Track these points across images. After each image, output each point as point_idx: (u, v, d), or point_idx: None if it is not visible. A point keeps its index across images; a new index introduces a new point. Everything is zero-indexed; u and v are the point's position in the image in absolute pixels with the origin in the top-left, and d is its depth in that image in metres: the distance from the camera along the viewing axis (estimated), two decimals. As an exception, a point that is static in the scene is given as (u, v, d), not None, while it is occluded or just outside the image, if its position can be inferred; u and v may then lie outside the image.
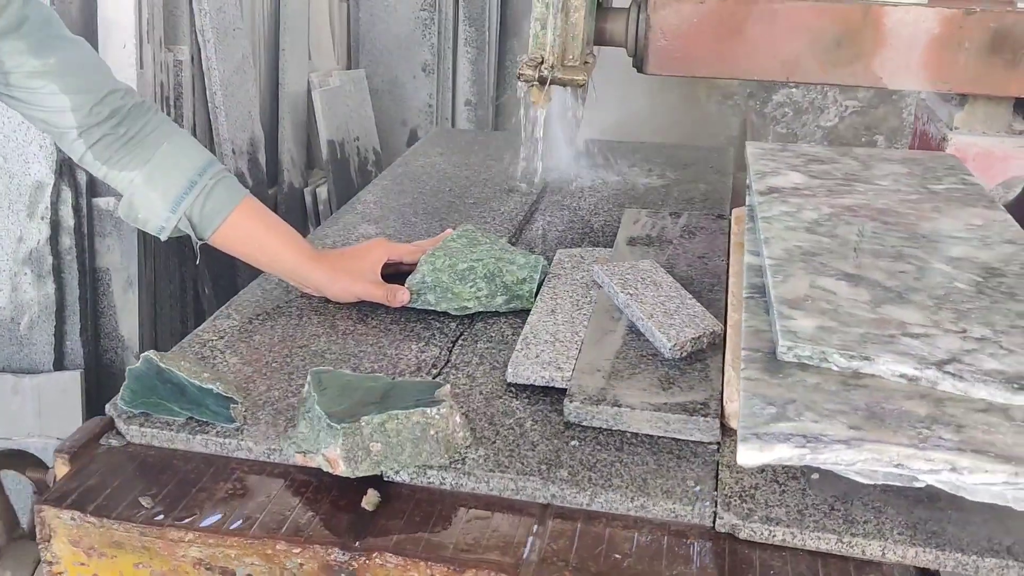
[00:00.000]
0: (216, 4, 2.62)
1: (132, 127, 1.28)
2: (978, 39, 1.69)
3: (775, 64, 1.77)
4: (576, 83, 1.62)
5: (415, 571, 0.91)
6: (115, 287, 2.40)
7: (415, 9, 3.57)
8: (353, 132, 3.37)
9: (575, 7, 1.60)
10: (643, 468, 1.01)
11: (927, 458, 0.84)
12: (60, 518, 0.98)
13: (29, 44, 1.20)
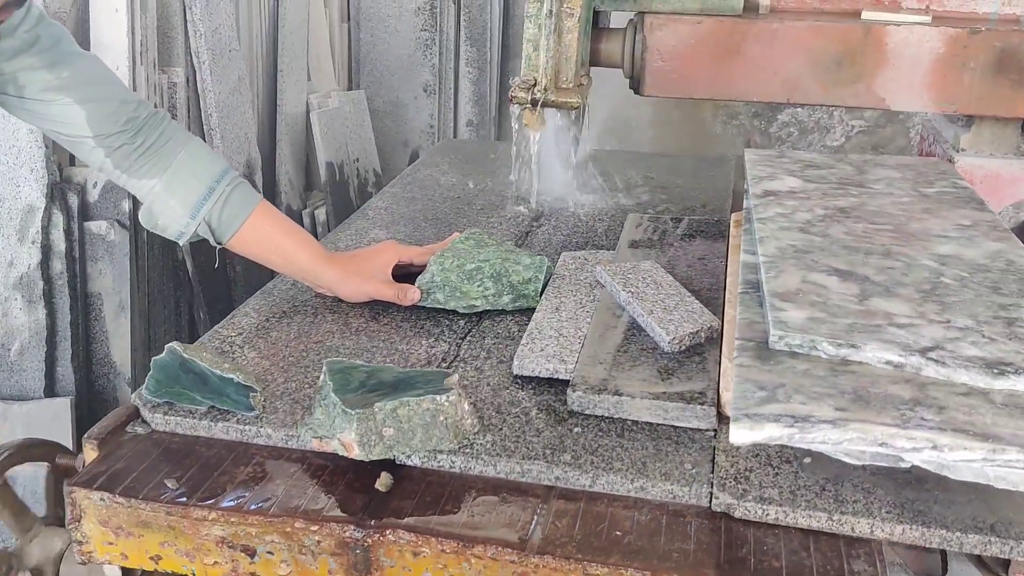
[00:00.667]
0: (211, 26, 2.63)
1: (149, 137, 1.34)
2: (983, 59, 1.65)
3: (775, 85, 1.73)
4: (570, 106, 1.59)
5: (426, 547, 0.96)
6: (107, 312, 2.37)
7: (416, 29, 3.59)
8: (353, 153, 3.37)
9: (568, 28, 1.57)
10: (643, 453, 1.06)
11: (909, 436, 0.89)
12: (90, 499, 1.03)
13: (43, 60, 1.26)
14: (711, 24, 1.71)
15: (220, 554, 1.02)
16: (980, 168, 1.76)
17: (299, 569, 1.00)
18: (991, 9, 1.78)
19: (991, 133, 1.77)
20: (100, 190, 2.35)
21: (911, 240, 1.29)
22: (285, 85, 3.08)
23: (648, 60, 1.74)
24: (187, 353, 1.13)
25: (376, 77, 3.67)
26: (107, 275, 2.35)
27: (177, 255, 2.64)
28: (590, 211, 1.86)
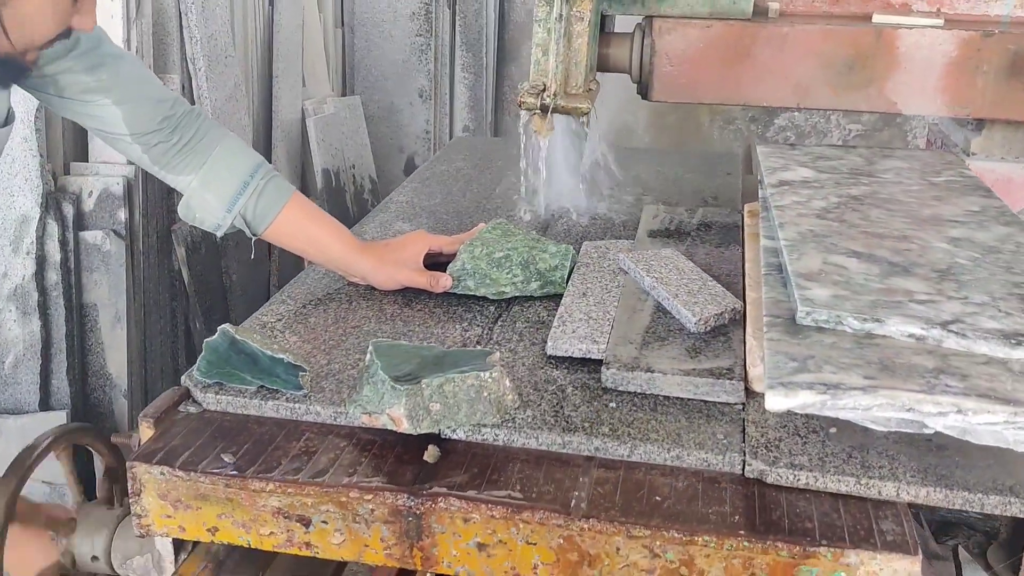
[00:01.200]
0: (207, 32, 2.62)
1: (185, 134, 1.39)
2: (997, 62, 1.63)
3: (785, 89, 1.70)
4: (580, 112, 1.56)
5: (476, 513, 1.01)
6: (103, 323, 2.33)
7: (411, 35, 3.58)
8: (349, 160, 3.34)
9: (578, 33, 1.55)
10: (676, 425, 1.12)
11: (936, 402, 0.94)
12: (150, 473, 1.08)
13: (82, 64, 1.31)
14: (721, 28, 1.70)
15: (276, 524, 1.07)
16: (991, 172, 1.74)
17: (352, 537, 1.05)
18: (1004, 11, 1.76)
19: (1002, 137, 1.75)
20: (96, 199, 2.33)
21: (924, 225, 1.35)
22: (280, 91, 3.06)
23: (657, 65, 1.72)
24: (239, 335, 1.18)
25: (371, 83, 3.66)
26: (103, 285, 2.33)
27: (173, 265, 2.60)
28: (610, 200, 1.91)
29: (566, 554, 1.01)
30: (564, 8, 1.50)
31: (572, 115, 1.57)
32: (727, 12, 1.68)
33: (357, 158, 3.41)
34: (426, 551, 1.04)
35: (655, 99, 1.75)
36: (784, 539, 0.96)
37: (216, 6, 2.66)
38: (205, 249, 2.67)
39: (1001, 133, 1.75)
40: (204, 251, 2.67)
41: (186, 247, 2.59)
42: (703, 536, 0.97)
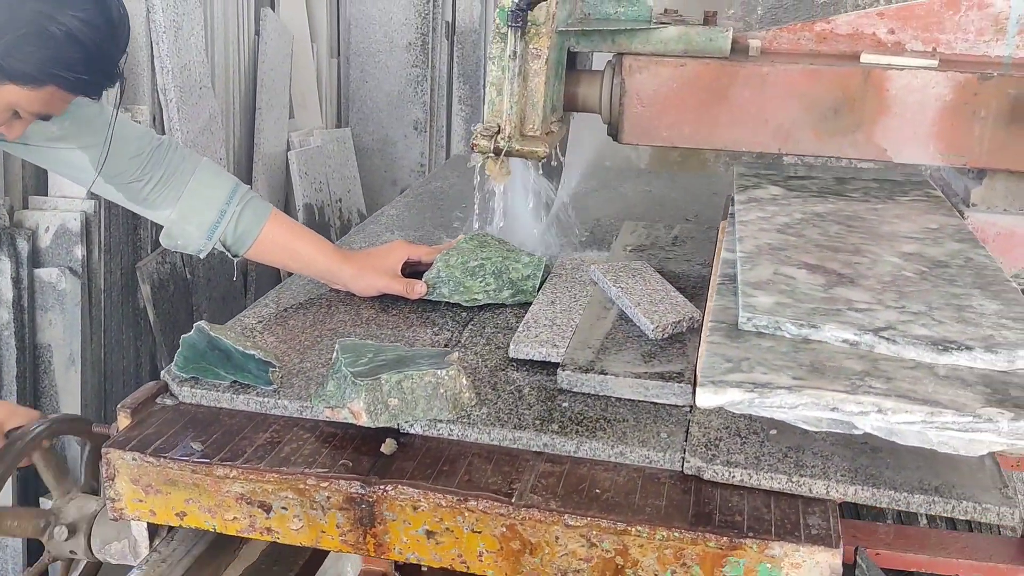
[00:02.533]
0: (180, 62, 2.54)
1: (156, 170, 1.46)
2: (996, 107, 1.50)
3: (766, 134, 1.58)
4: (536, 156, 1.46)
5: (424, 501, 1.07)
6: (57, 365, 2.26)
7: (407, 66, 3.55)
8: (335, 194, 3.28)
9: (535, 71, 1.44)
10: (623, 424, 1.17)
11: (857, 401, 0.99)
12: (123, 459, 1.15)
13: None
14: (695, 67, 1.57)
15: (239, 510, 1.13)
16: (993, 225, 1.60)
17: (310, 523, 1.11)
18: (1005, 52, 1.62)
19: (1005, 187, 1.61)
20: (52, 235, 2.28)
21: (880, 240, 1.40)
22: (263, 123, 2.99)
23: (627, 105, 1.60)
24: (213, 332, 1.25)
25: (365, 114, 3.60)
26: (57, 325, 2.25)
27: (138, 303, 2.53)
28: (595, 217, 1.96)
29: (509, 542, 1.06)
30: (519, 45, 1.41)
31: (528, 159, 1.48)
32: (703, 50, 1.56)
33: (344, 192, 3.34)
34: (379, 538, 1.10)
35: (625, 141, 1.63)
36: (714, 531, 1.01)
37: (191, 35, 2.60)
38: (173, 287, 2.59)
39: (1004, 183, 1.61)
40: (172, 289, 2.60)
41: (151, 285, 2.51)
42: (637, 527, 1.02)
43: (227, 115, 2.91)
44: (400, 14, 3.53)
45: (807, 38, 1.68)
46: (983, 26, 1.62)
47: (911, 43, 1.65)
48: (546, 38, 1.44)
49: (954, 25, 1.63)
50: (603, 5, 1.60)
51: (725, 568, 1.01)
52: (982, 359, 1.05)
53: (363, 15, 3.56)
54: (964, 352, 1.06)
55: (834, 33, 1.67)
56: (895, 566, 2.30)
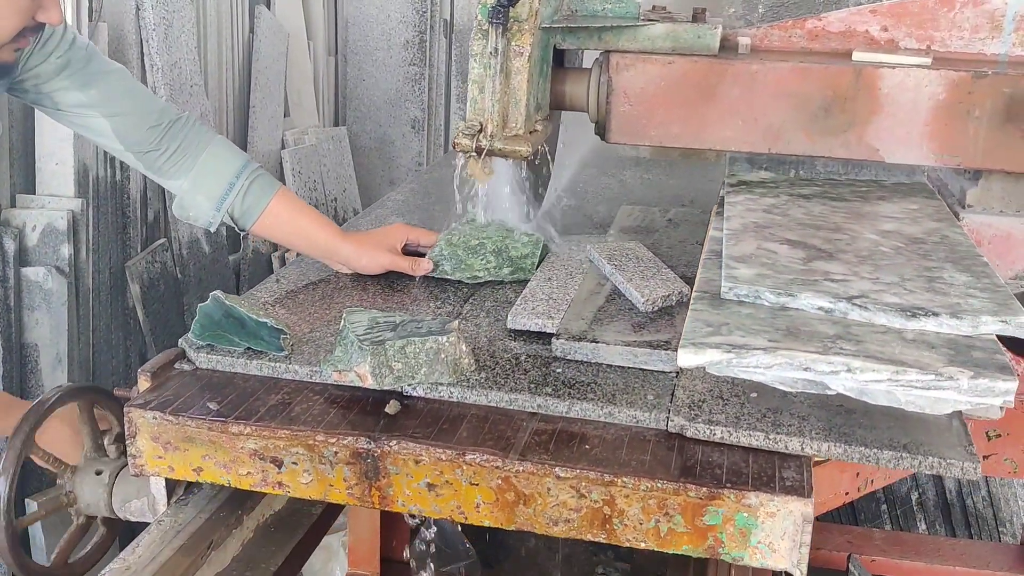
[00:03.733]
0: (170, 59, 2.54)
1: (173, 142, 1.56)
2: (990, 106, 1.47)
3: (755, 133, 1.56)
4: (518, 155, 1.45)
5: (425, 455, 1.14)
6: (43, 364, 2.24)
7: (404, 64, 3.54)
8: (330, 193, 3.28)
9: (516, 69, 1.43)
10: (613, 387, 1.24)
11: (828, 361, 1.06)
12: (144, 418, 1.22)
13: (74, 82, 1.49)
14: (684, 65, 1.56)
15: (252, 465, 1.20)
16: (989, 227, 1.58)
17: (319, 477, 1.19)
18: (1001, 50, 1.60)
19: (1002, 188, 1.58)
20: (39, 234, 2.27)
21: (861, 220, 1.47)
22: (257, 122, 3.00)
23: (614, 103, 1.58)
24: (228, 301, 1.33)
25: (363, 112, 3.59)
26: (44, 325, 2.23)
27: (128, 303, 2.53)
28: (593, 200, 2.04)
29: (504, 494, 1.13)
30: (500, 42, 1.40)
31: (511, 158, 1.48)
32: (691, 47, 1.55)
33: (340, 191, 3.33)
34: (383, 491, 1.17)
35: (612, 140, 1.62)
36: (695, 482, 1.08)
37: (181, 32, 2.61)
38: (163, 286, 2.60)
39: (1000, 184, 1.58)
40: (162, 288, 2.60)
41: (141, 285, 2.52)
42: (623, 479, 1.09)
43: (220, 113, 2.93)
44: (398, 12, 3.54)
45: (799, 35, 1.67)
46: (979, 23, 1.60)
47: (905, 41, 1.62)
48: (528, 35, 1.44)
49: (949, 22, 1.61)
50: (590, 2, 1.61)
51: (705, 517, 1.08)
52: (948, 324, 1.12)
53: (361, 13, 3.58)
54: (931, 318, 1.13)
55: (826, 31, 1.66)
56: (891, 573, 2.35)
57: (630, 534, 1.11)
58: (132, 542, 1.26)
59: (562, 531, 1.13)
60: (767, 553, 1.08)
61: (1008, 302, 1.16)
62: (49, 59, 1.47)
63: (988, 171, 1.57)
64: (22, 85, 1.47)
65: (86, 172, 2.36)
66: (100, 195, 2.42)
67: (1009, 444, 1.76)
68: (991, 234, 1.58)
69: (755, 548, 1.08)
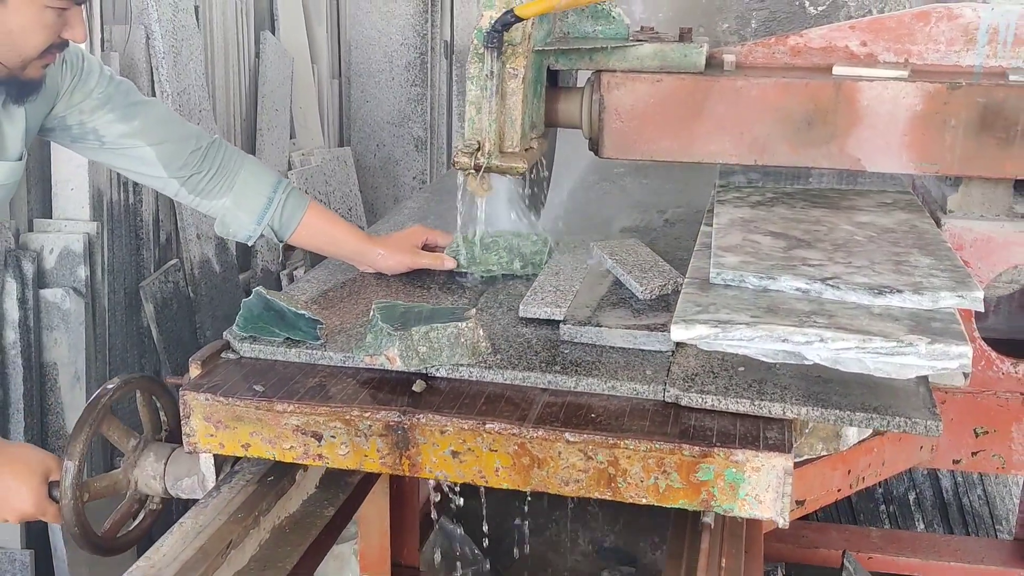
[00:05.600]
0: (180, 86, 2.65)
1: (213, 163, 1.70)
2: (966, 116, 1.55)
3: (742, 146, 1.64)
4: (515, 171, 1.53)
5: (450, 426, 1.29)
6: (62, 383, 2.30)
7: (407, 85, 3.64)
8: (337, 211, 3.24)
9: (512, 90, 1.50)
10: (615, 365, 1.39)
11: (803, 333, 1.21)
12: (197, 399, 1.37)
13: (117, 115, 1.62)
14: (671, 82, 1.63)
15: (295, 440, 1.35)
16: (969, 231, 1.64)
17: (355, 448, 1.33)
18: (975, 62, 1.68)
19: (981, 193, 1.65)
20: (56, 256, 2.35)
21: (839, 213, 1.62)
22: (264, 144, 3.10)
23: (606, 120, 1.66)
24: (269, 295, 1.48)
25: (367, 133, 3.68)
26: (62, 344, 2.31)
27: (142, 322, 2.62)
28: (596, 204, 2.19)
29: (520, 459, 1.28)
30: (495, 65, 1.48)
31: (508, 174, 1.56)
32: (678, 65, 1.64)
33: (345, 211, 3.42)
34: (412, 459, 1.32)
35: (605, 156, 1.70)
36: (688, 442, 1.22)
37: (189, 60, 2.72)
38: (176, 306, 2.70)
39: (980, 189, 1.65)
40: (175, 308, 2.69)
41: (155, 304, 2.61)
42: (625, 441, 1.23)
43: (229, 137, 3.01)
44: (399, 34, 3.63)
45: (782, 52, 1.75)
46: (953, 36, 1.69)
47: (883, 55, 1.70)
48: (522, 57, 1.51)
49: (925, 36, 1.69)
50: (582, 24, 1.70)
51: (698, 473, 1.22)
52: (911, 300, 1.27)
53: (363, 36, 3.67)
54: (896, 295, 1.27)
55: (808, 47, 1.75)
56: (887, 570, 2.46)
57: (632, 491, 1.25)
58: (154, 545, 1.33)
59: (573, 490, 1.27)
60: (754, 504, 1.22)
61: (965, 280, 1.30)
62: (92, 95, 1.60)
63: (967, 177, 1.64)
64: (65, 122, 1.60)
65: (100, 196, 2.47)
66: (114, 218, 2.53)
67: (996, 440, 1.81)
68: (972, 238, 1.64)
69: (744, 500, 1.22)
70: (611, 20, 1.74)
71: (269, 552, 1.40)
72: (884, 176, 1.81)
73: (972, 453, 1.87)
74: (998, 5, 1.68)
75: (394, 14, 3.71)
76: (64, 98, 1.59)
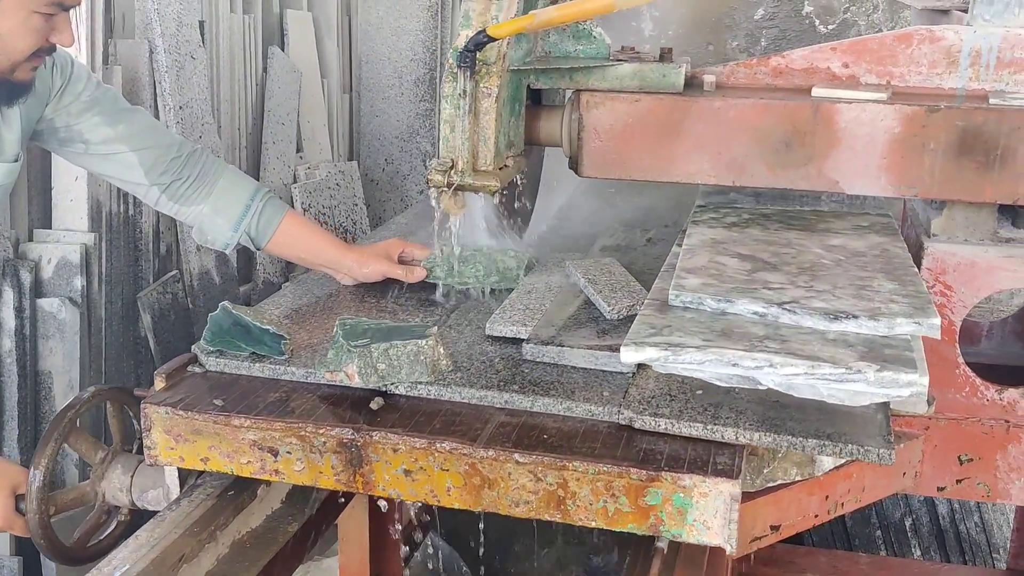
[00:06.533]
0: (183, 99, 2.67)
1: (193, 170, 1.73)
2: (944, 139, 1.53)
3: (720, 167, 1.63)
4: (488, 190, 1.54)
5: (402, 444, 1.29)
6: (57, 392, 2.33)
7: (415, 100, 3.66)
8: (341, 224, 3.38)
9: (485, 109, 1.50)
10: (574, 385, 1.38)
11: (752, 357, 1.20)
12: (158, 412, 1.38)
13: (103, 118, 1.67)
14: (649, 102, 1.63)
15: (252, 454, 1.36)
16: (953, 256, 1.62)
17: (310, 465, 1.34)
18: (958, 84, 1.66)
19: (965, 217, 1.63)
20: (54, 266, 2.38)
21: (812, 236, 1.60)
22: (268, 157, 3.13)
23: (585, 139, 1.66)
24: (235, 310, 1.49)
25: (376, 147, 3.71)
26: (57, 353, 2.34)
27: (140, 333, 2.62)
28: (582, 225, 2.18)
29: (471, 478, 1.27)
30: (468, 84, 1.49)
31: (481, 192, 1.57)
32: (657, 85, 1.64)
33: (350, 225, 3.44)
34: (366, 477, 1.32)
35: (584, 175, 1.71)
36: (636, 466, 1.22)
37: (193, 74, 2.74)
38: (174, 316, 2.73)
39: (963, 213, 1.63)
40: (173, 319, 2.72)
41: (152, 315, 2.64)
42: (573, 463, 1.23)
43: (234, 150, 3.03)
44: (409, 50, 3.66)
45: (763, 73, 1.73)
46: (935, 59, 1.66)
47: (865, 76, 1.68)
48: (496, 77, 1.52)
49: (907, 58, 1.67)
50: (563, 43, 1.71)
51: (646, 497, 1.21)
52: (866, 326, 1.25)
53: (373, 52, 3.70)
54: (851, 320, 1.26)
55: (790, 68, 1.72)
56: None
57: (582, 514, 1.25)
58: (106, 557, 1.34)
59: (523, 512, 1.27)
60: (702, 530, 1.21)
61: (925, 307, 1.29)
62: (80, 97, 1.65)
63: (951, 201, 1.62)
64: (53, 124, 1.65)
65: (99, 208, 2.50)
66: (113, 229, 2.56)
67: (982, 468, 1.78)
68: (955, 262, 1.62)
69: (692, 526, 1.21)
70: (592, 40, 1.74)
71: (226, 567, 1.41)
72: (875, 198, 1.79)
73: (956, 480, 1.83)
74: (980, 28, 1.66)
75: (404, 30, 3.74)
76: (54, 100, 1.63)
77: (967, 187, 1.56)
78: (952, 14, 1.89)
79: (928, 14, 2.03)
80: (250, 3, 3.16)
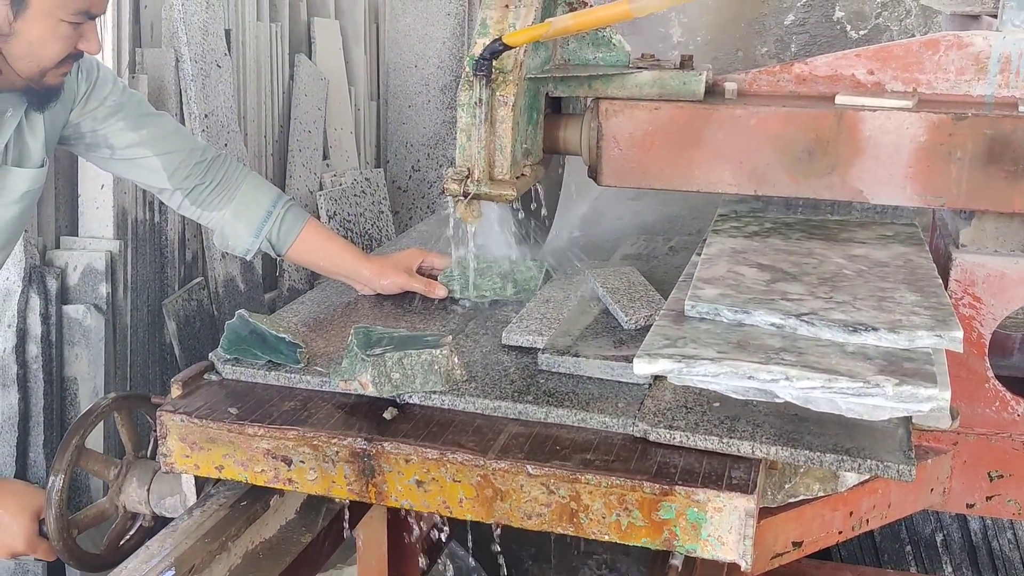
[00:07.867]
0: (208, 108, 2.68)
1: (216, 176, 1.75)
2: (972, 148, 1.49)
3: (741, 176, 1.60)
4: (504, 199, 1.53)
5: (415, 455, 1.28)
6: (82, 398, 2.35)
7: (442, 108, 3.68)
8: (366, 231, 3.38)
9: (501, 118, 1.49)
10: (588, 396, 1.37)
11: (768, 370, 1.18)
12: (174, 420, 1.39)
13: (128, 123, 1.69)
14: (670, 110, 1.61)
15: (266, 463, 1.36)
16: (982, 267, 1.58)
17: (323, 474, 1.33)
18: (987, 92, 1.62)
19: (995, 228, 1.59)
20: (80, 273, 2.40)
21: (834, 245, 1.58)
22: (295, 165, 3.14)
23: (604, 148, 1.65)
24: (252, 319, 1.49)
25: (403, 154, 3.73)
26: (83, 360, 2.35)
27: (165, 339, 2.63)
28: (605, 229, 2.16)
29: (483, 490, 1.26)
30: (484, 92, 1.48)
31: (497, 201, 1.56)
32: (677, 93, 1.61)
33: (376, 232, 3.44)
34: (378, 487, 1.32)
35: (604, 183, 1.69)
36: (650, 480, 1.20)
37: (219, 83, 2.76)
38: (199, 323, 2.74)
39: (994, 224, 1.59)
40: (198, 325, 2.73)
41: (178, 322, 2.66)
42: (586, 476, 1.22)
43: (260, 158, 3.04)
44: (436, 58, 3.67)
45: (786, 80, 1.70)
46: (963, 66, 1.63)
47: (891, 83, 1.65)
48: (512, 85, 1.51)
49: (934, 65, 1.64)
50: (582, 51, 1.70)
51: (660, 511, 1.20)
52: (886, 339, 1.23)
53: (401, 59, 3.72)
54: (871, 333, 1.23)
55: (813, 75, 1.69)
56: None
57: (595, 527, 1.23)
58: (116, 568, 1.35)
59: (535, 524, 1.25)
60: (717, 546, 1.19)
61: (947, 319, 1.26)
62: (105, 102, 1.67)
63: (980, 211, 1.58)
64: (79, 129, 1.67)
65: (125, 215, 2.52)
66: (139, 237, 2.57)
67: (1012, 485, 1.74)
68: (985, 274, 1.59)
69: (706, 541, 1.19)
70: (612, 47, 1.72)
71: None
72: (905, 207, 1.74)
73: (986, 497, 1.79)
74: (1010, 33, 1.62)
75: (431, 37, 3.75)
76: (79, 105, 1.65)
77: (995, 197, 1.52)
78: (982, 19, 1.86)
79: (958, 19, 2.00)
80: (277, 11, 3.18)
